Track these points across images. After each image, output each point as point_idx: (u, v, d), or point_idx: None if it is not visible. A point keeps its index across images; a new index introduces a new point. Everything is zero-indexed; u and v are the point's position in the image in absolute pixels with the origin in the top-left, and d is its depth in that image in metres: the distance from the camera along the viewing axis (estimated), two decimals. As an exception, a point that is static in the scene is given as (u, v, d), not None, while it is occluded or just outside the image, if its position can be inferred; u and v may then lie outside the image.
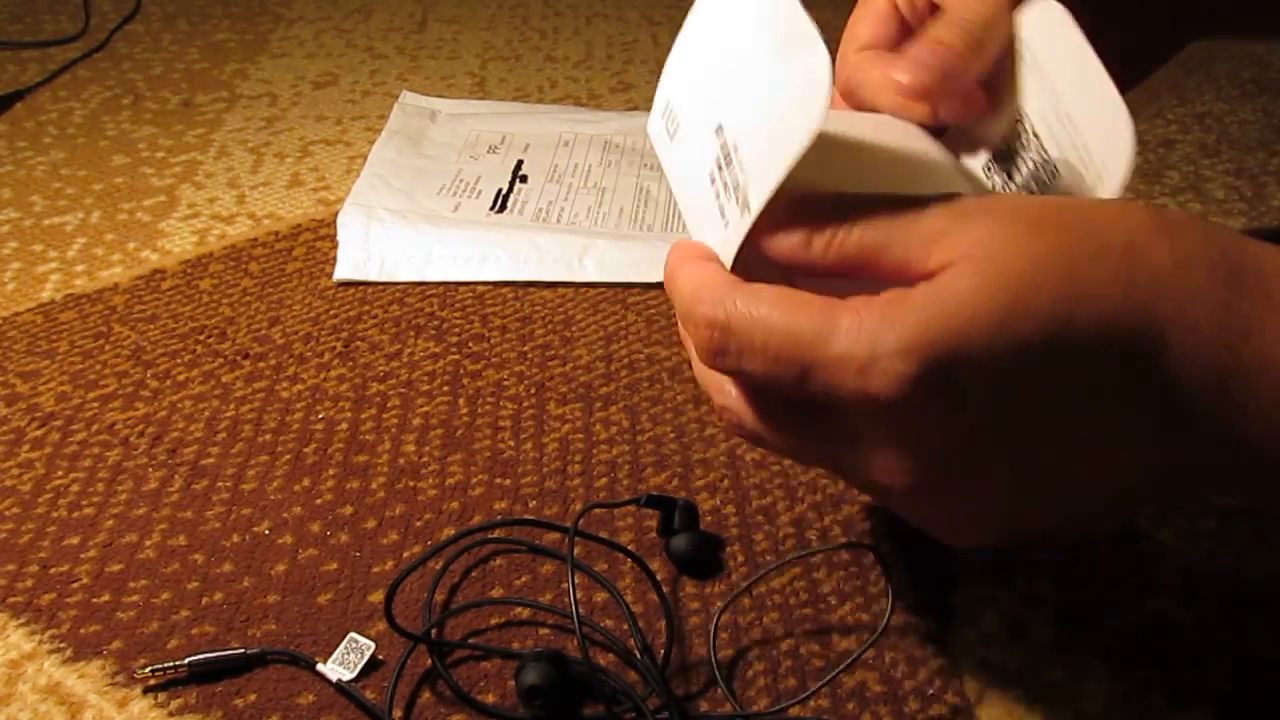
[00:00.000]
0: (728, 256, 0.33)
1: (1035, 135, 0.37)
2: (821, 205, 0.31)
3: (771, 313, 0.30)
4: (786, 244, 0.31)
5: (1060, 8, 0.36)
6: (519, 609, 0.42)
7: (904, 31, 0.39)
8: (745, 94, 0.33)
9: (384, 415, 0.52)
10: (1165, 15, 0.48)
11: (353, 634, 0.40)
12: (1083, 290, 0.28)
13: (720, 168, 0.34)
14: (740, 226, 0.32)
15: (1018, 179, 0.38)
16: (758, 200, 0.31)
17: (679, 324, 0.34)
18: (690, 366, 0.55)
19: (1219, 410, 0.29)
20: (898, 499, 0.33)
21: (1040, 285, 0.28)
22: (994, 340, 0.27)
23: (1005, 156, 0.38)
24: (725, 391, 0.34)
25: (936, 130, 0.37)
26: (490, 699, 0.38)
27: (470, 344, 0.57)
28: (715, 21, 0.36)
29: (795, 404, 0.32)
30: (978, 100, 0.37)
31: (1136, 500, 0.34)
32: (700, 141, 0.36)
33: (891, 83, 0.36)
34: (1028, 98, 0.37)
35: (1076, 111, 0.35)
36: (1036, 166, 0.37)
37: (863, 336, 0.28)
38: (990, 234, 0.29)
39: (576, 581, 0.43)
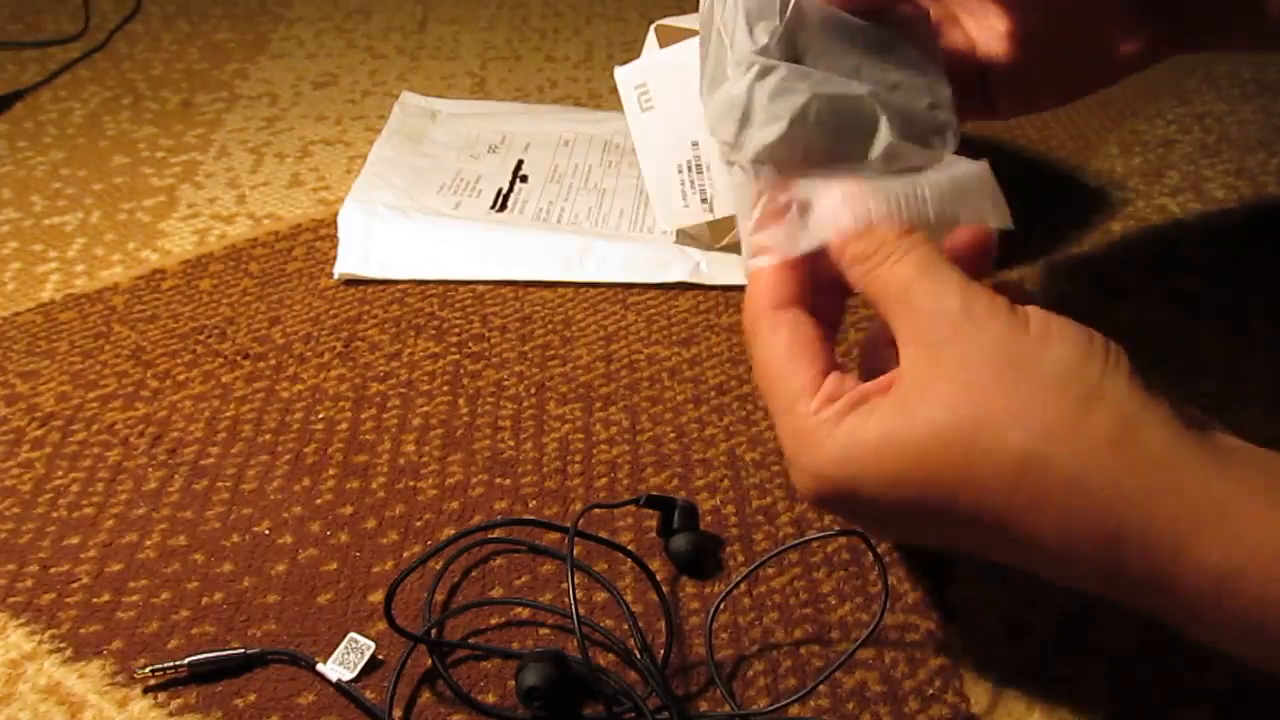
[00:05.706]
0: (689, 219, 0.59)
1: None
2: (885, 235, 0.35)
3: (773, 353, 0.36)
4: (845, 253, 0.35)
5: None
6: (519, 609, 0.42)
7: None
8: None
9: (384, 415, 0.52)
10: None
11: (353, 634, 0.40)
12: (970, 479, 0.31)
13: (690, 169, 0.59)
14: (700, 213, 0.60)
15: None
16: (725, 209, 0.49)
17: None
18: (687, 367, 0.55)
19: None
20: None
21: (934, 466, 0.31)
22: (882, 494, 0.32)
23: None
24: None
25: None
26: (490, 699, 0.38)
27: (470, 344, 0.57)
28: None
29: None
30: None
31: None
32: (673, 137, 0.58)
33: None
34: None
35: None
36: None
37: (799, 438, 0.34)
38: (929, 374, 0.32)
39: (576, 581, 0.43)
